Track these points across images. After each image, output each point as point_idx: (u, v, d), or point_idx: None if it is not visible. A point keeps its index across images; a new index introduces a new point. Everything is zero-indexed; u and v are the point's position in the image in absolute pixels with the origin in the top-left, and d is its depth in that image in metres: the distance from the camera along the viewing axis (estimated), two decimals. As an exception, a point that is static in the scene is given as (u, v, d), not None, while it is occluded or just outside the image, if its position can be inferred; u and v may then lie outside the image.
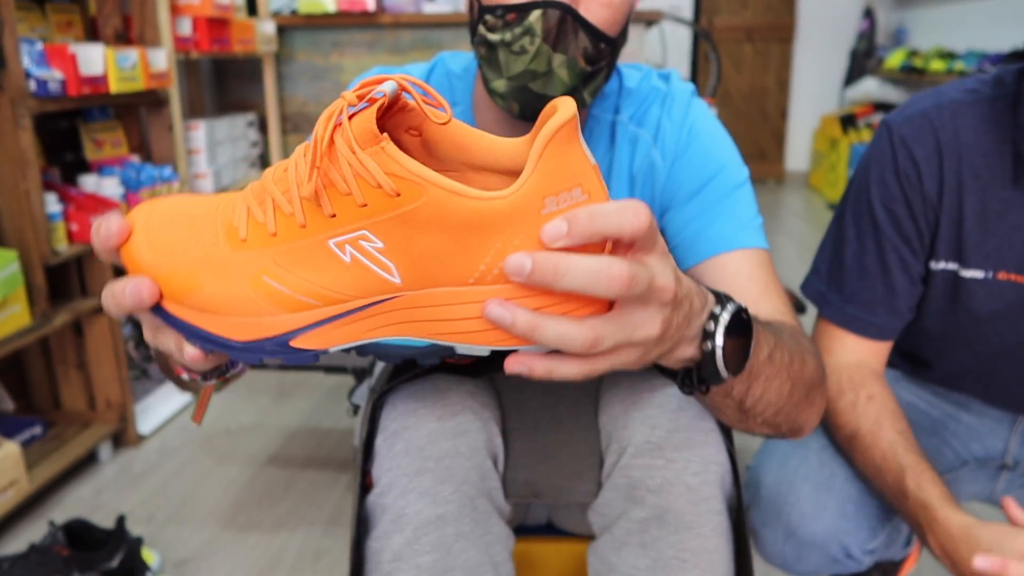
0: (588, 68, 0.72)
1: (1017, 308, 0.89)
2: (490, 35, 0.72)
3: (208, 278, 0.48)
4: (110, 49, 1.72)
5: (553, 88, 0.72)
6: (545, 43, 0.70)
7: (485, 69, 0.75)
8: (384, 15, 2.44)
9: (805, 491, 0.92)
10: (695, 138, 0.83)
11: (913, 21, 4.99)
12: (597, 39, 0.72)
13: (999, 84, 0.88)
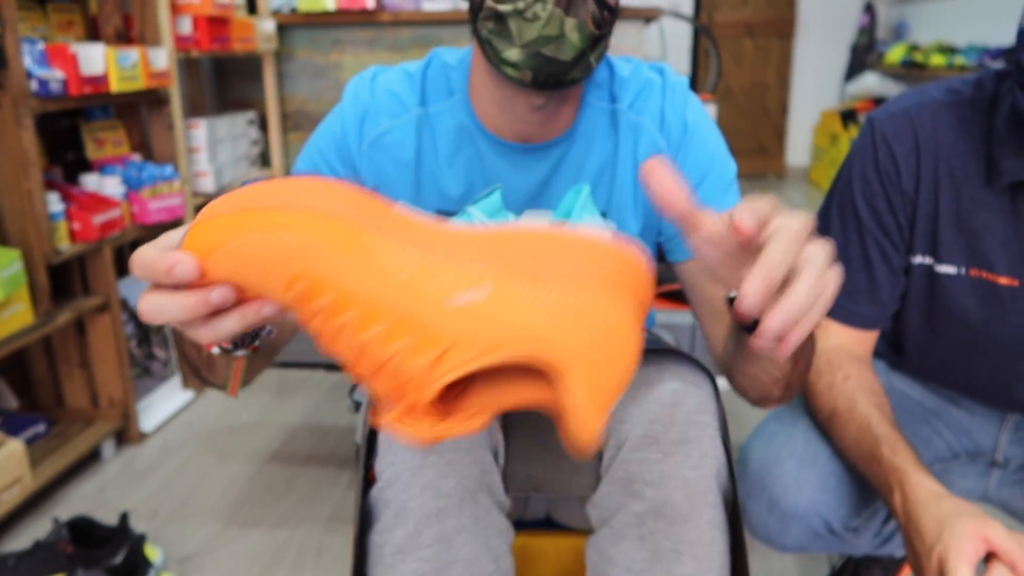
0: (597, 32, 0.73)
1: (989, 304, 0.90)
2: (501, 6, 0.73)
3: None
4: (111, 49, 1.73)
5: (565, 52, 0.73)
6: (558, 7, 0.71)
7: (496, 42, 0.75)
8: (384, 13, 2.45)
9: (790, 466, 0.95)
10: (695, 132, 0.85)
11: (914, 16, 4.99)
12: (601, 5, 0.73)
13: (979, 86, 0.90)
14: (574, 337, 0.44)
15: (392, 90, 0.86)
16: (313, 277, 0.46)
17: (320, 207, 0.47)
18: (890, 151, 0.92)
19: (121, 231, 1.81)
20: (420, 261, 0.46)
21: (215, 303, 0.48)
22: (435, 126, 0.86)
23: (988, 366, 0.97)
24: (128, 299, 1.93)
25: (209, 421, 2.03)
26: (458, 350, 0.44)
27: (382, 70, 0.89)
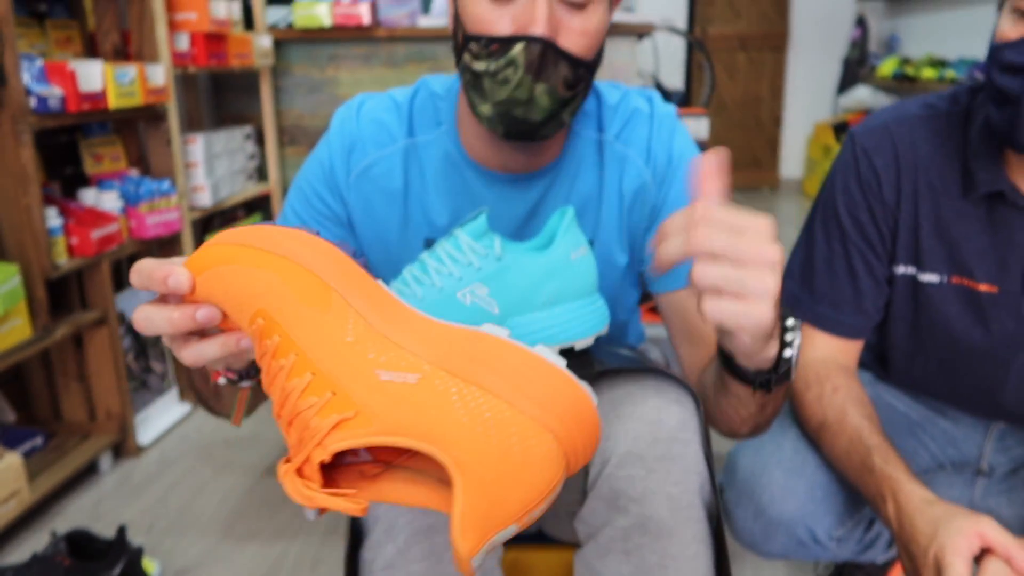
0: (568, 94, 0.76)
1: (970, 311, 0.93)
2: (475, 63, 0.76)
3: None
4: (109, 65, 1.75)
5: (535, 114, 0.75)
6: (527, 74, 0.73)
7: (471, 93, 0.78)
8: (379, 29, 2.47)
9: (777, 475, 0.96)
10: (681, 164, 0.87)
11: (905, 29, 5.04)
12: (576, 66, 0.75)
13: (954, 100, 0.93)
14: (475, 449, 0.44)
15: (379, 119, 0.87)
16: (271, 317, 0.50)
17: (303, 260, 0.50)
18: (871, 164, 0.94)
19: (119, 245, 1.83)
20: (367, 331, 0.48)
21: (200, 321, 0.52)
22: (422, 156, 0.87)
23: (972, 374, 0.99)
24: (125, 313, 1.95)
25: (205, 434, 2.04)
26: (361, 420, 0.45)
27: (369, 98, 0.90)
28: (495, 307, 0.68)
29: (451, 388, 0.46)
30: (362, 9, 2.41)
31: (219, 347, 0.54)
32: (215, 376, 0.62)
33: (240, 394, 0.65)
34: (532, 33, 0.72)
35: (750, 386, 0.67)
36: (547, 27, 0.72)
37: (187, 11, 2.10)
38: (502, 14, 0.73)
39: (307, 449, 0.47)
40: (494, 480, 0.44)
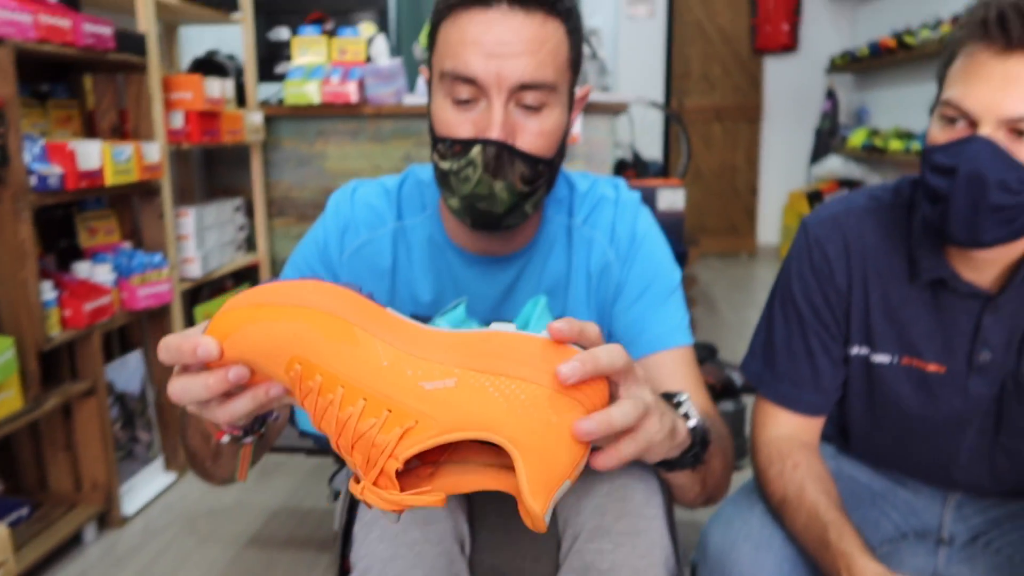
0: (526, 188, 0.83)
1: (921, 390, 0.99)
2: (441, 162, 0.84)
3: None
4: (107, 144, 1.82)
5: (497, 206, 0.83)
6: (486, 172, 0.80)
7: (442, 188, 0.86)
8: (367, 106, 2.58)
9: (746, 549, 1.00)
10: (643, 244, 0.95)
11: (873, 102, 5.26)
12: (534, 163, 0.83)
13: (897, 192, 1.01)
14: (522, 427, 0.52)
15: (371, 204, 0.96)
16: (307, 361, 0.55)
17: (320, 305, 0.56)
18: (823, 252, 1.02)
19: (110, 317, 1.87)
20: (397, 353, 0.55)
21: (233, 380, 0.56)
22: (410, 238, 0.95)
23: (926, 448, 1.05)
24: (114, 383, 1.98)
25: (190, 504, 2.05)
26: (423, 427, 0.52)
27: (361, 184, 0.98)
28: None
29: (485, 383, 0.53)
30: (350, 88, 2.52)
31: (251, 400, 0.58)
32: (219, 435, 0.66)
33: (243, 450, 0.70)
34: (488, 136, 0.80)
35: (687, 470, 0.73)
36: (502, 131, 0.80)
37: (183, 91, 2.19)
38: (464, 119, 0.81)
39: (380, 462, 0.52)
40: (544, 448, 0.52)
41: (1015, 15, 0.80)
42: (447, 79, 0.81)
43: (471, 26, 0.79)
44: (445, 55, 0.82)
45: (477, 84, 0.80)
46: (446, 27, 0.82)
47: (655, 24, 5.66)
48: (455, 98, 0.81)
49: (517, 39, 0.78)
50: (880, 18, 5.03)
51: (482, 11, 0.79)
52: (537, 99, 0.81)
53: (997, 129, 0.83)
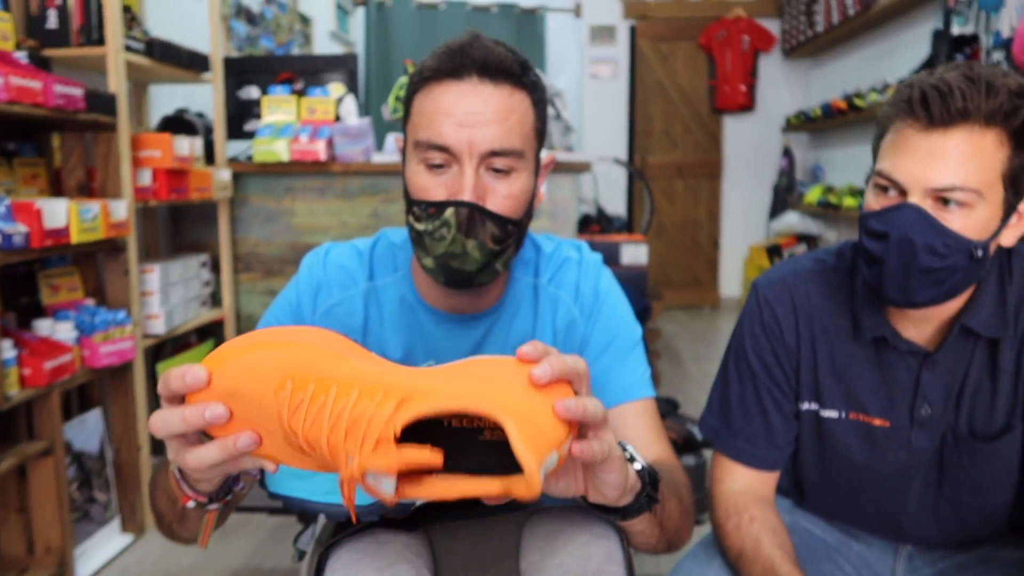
0: (497, 247, 0.88)
1: (868, 444, 1.04)
2: (416, 224, 0.88)
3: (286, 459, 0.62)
4: (73, 203, 1.83)
5: (469, 264, 0.87)
6: (459, 232, 0.85)
7: (416, 248, 0.90)
8: (335, 164, 2.62)
9: None
10: (605, 301, 1.00)
11: (827, 160, 5.45)
12: (503, 223, 0.87)
13: (840, 255, 1.07)
14: (509, 399, 0.57)
15: (343, 265, 0.99)
16: (300, 375, 0.59)
17: (312, 340, 0.61)
18: (773, 312, 1.07)
19: (71, 375, 1.85)
20: (388, 363, 0.61)
21: (208, 418, 0.60)
22: (381, 298, 0.98)
23: (875, 501, 1.08)
24: (72, 442, 1.95)
25: (147, 566, 2.00)
26: (417, 399, 0.56)
27: (335, 246, 1.02)
28: None
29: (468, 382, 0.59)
30: (319, 146, 2.56)
31: (219, 450, 0.61)
32: (184, 500, 0.69)
33: (208, 516, 0.72)
34: (460, 198, 0.85)
35: (644, 513, 0.76)
36: (473, 193, 0.85)
37: (152, 149, 2.21)
38: (438, 183, 0.87)
39: (377, 430, 0.55)
40: (530, 416, 0.57)
41: (936, 95, 0.87)
42: (421, 147, 0.86)
43: (443, 97, 0.85)
44: (419, 125, 0.87)
45: (450, 151, 0.85)
46: (420, 98, 0.88)
47: (618, 84, 5.84)
48: (429, 163, 0.86)
49: (486, 109, 0.84)
50: (832, 81, 5.26)
51: (454, 83, 0.85)
52: (506, 164, 0.86)
53: (924, 198, 0.89)
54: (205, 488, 0.69)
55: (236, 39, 3.44)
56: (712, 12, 5.75)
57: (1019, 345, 0.96)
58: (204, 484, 0.69)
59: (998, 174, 0.88)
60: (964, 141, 0.87)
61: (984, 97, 0.86)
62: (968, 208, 0.89)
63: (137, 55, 2.15)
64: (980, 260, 0.91)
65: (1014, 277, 0.97)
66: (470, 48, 0.85)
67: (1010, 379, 0.96)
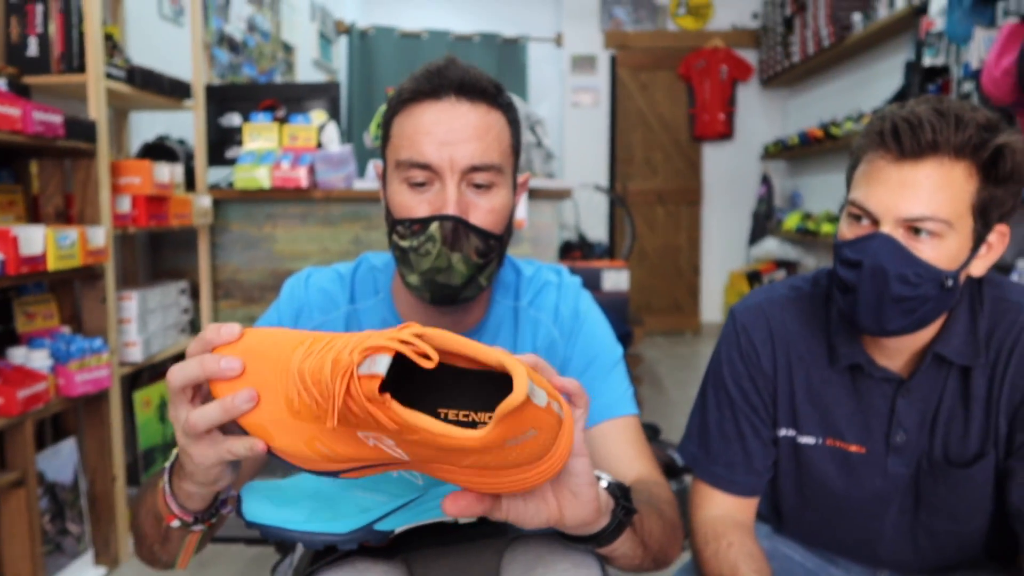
0: (480, 261, 0.90)
1: (844, 470, 1.04)
2: (401, 242, 0.90)
3: (277, 434, 0.61)
4: (50, 230, 1.81)
5: (455, 279, 0.89)
6: (444, 246, 0.87)
7: (400, 267, 0.91)
8: (316, 191, 2.62)
9: None
10: (585, 322, 1.01)
11: (805, 187, 5.53)
12: (486, 237, 0.89)
13: (815, 283, 1.09)
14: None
15: (325, 288, 1.00)
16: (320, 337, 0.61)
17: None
18: (750, 339, 1.08)
19: (45, 404, 1.83)
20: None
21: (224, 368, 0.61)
22: (363, 320, 0.99)
23: (852, 527, 1.09)
24: (45, 472, 1.92)
25: (120, 599, 1.96)
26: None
27: (316, 271, 1.03)
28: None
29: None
30: (301, 173, 2.56)
31: (219, 407, 0.61)
32: (169, 519, 0.70)
33: (190, 537, 0.72)
34: (445, 212, 0.87)
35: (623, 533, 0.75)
36: (457, 207, 0.87)
37: (131, 175, 2.21)
38: (421, 200, 0.89)
39: (374, 339, 0.55)
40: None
41: (907, 128, 0.89)
42: (403, 166, 0.88)
43: (423, 117, 0.88)
44: (400, 146, 0.89)
45: (432, 169, 0.87)
46: (400, 120, 0.90)
47: (599, 112, 5.91)
48: (411, 182, 0.89)
49: (465, 126, 0.87)
50: (808, 110, 5.35)
51: (433, 103, 0.88)
52: (486, 179, 0.89)
53: (896, 228, 0.91)
54: (194, 506, 0.70)
55: (219, 67, 3.45)
56: (691, 42, 5.84)
57: (990, 373, 0.97)
58: (194, 501, 0.69)
59: (967, 205, 0.90)
60: (934, 172, 0.89)
61: (953, 130, 0.88)
62: (939, 238, 0.90)
63: (118, 82, 2.15)
64: (951, 289, 0.92)
65: (984, 306, 0.99)
66: (447, 70, 0.89)
67: (982, 406, 0.98)
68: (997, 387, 0.96)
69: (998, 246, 0.95)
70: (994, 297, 0.99)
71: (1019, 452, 0.95)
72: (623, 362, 1.02)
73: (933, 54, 3.19)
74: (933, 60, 3.19)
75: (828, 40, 4.39)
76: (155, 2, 2.93)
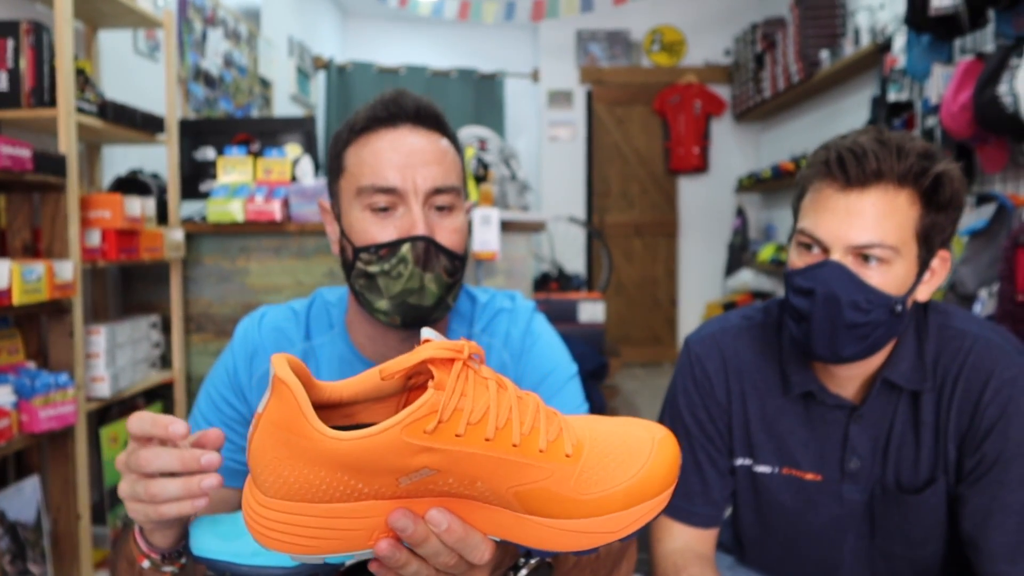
0: (450, 280, 0.92)
1: (801, 498, 1.05)
2: (368, 268, 0.90)
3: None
4: (16, 264, 1.80)
5: (426, 299, 0.90)
6: (416, 266, 0.89)
7: (367, 295, 0.91)
8: (290, 224, 2.63)
9: None
10: (535, 342, 1.02)
11: (779, 219, 5.60)
12: (452, 257, 0.91)
13: (767, 312, 1.10)
14: None
15: (279, 327, 1.00)
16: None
17: None
18: (704, 368, 1.09)
19: (7, 441, 1.80)
20: None
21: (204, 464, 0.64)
22: (319, 356, 0.99)
23: (812, 554, 1.09)
24: (6, 512, 1.88)
25: (82, 641, 1.92)
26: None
27: (270, 309, 1.03)
28: None
29: None
30: (275, 206, 2.57)
31: (182, 487, 0.64)
32: (140, 559, 0.70)
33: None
34: (415, 233, 0.88)
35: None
36: (426, 228, 0.89)
37: (101, 209, 2.20)
38: (385, 225, 0.90)
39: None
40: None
41: (852, 157, 0.91)
42: (366, 192, 0.89)
43: (382, 143, 0.90)
44: (360, 173, 0.90)
45: (396, 192, 0.89)
46: (356, 149, 0.92)
47: (576, 146, 5.98)
48: (374, 207, 0.89)
49: (424, 151, 0.90)
50: (780, 144, 5.45)
51: (390, 130, 0.90)
52: (447, 201, 0.91)
53: (845, 255, 0.93)
54: (157, 542, 0.71)
55: (194, 101, 3.47)
56: (665, 78, 5.95)
57: (937, 398, 0.99)
58: (155, 536, 0.70)
59: (912, 231, 0.93)
60: (879, 200, 0.91)
61: (896, 159, 0.91)
62: (887, 264, 0.92)
63: (89, 116, 2.15)
64: (900, 315, 0.94)
65: (930, 331, 1.01)
66: (401, 99, 0.91)
67: (931, 432, 0.99)
68: (944, 413, 0.98)
69: (940, 271, 0.97)
70: (939, 324, 1.01)
71: (968, 478, 0.97)
72: (578, 379, 1.03)
73: (897, 90, 3.28)
74: (897, 96, 3.28)
75: (797, 76, 4.49)
76: (130, 37, 2.95)
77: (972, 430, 0.96)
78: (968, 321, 1.01)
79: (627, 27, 5.95)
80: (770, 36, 5.02)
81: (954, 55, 2.77)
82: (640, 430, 0.59)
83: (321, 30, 5.56)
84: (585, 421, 0.60)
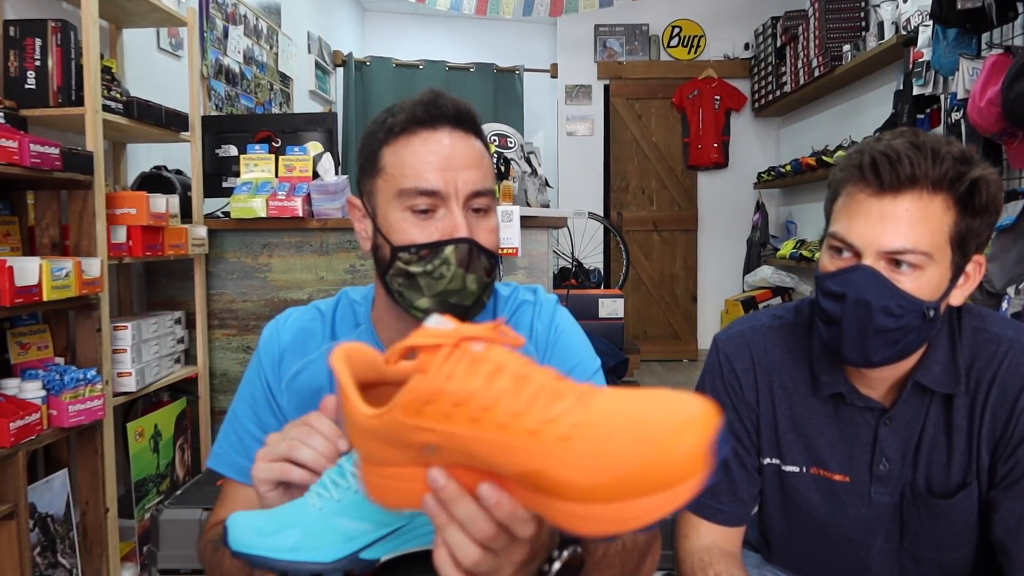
0: (488, 280, 0.93)
1: (829, 499, 1.05)
2: (410, 267, 0.91)
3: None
4: (45, 261, 1.82)
5: (467, 299, 0.92)
6: (459, 268, 0.90)
7: (406, 293, 0.92)
8: (312, 220, 2.64)
9: None
10: (560, 336, 1.02)
11: (799, 215, 5.56)
12: (490, 257, 0.93)
13: (798, 312, 1.10)
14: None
15: (304, 327, 1.01)
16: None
17: None
18: (732, 367, 1.09)
19: (37, 435, 1.82)
20: None
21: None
22: None
23: (839, 555, 1.09)
24: (36, 504, 1.91)
25: (110, 633, 1.95)
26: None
27: (295, 311, 1.04)
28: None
29: None
30: (297, 202, 2.58)
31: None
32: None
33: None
34: (457, 235, 0.89)
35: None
36: (468, 230, 0.90)
37: (127, 207, 2.22)
38: (426, 227, 0.90)
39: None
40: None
41: (885, 162, 0.90)
42: (408, 194, 0.90)
43: (423, 146, 0.90)
44: (401, 175, 0.91)
45: (437, 195, 0.90)
46: (395, 150, 0.92)
47: (594, 141, 5.96)
48: (415, 209, 0.90)
49: (464, 154, 0.91)
50: (801, 138, 5.41)
51: (430, 132, 0.91)
52: (484, 203, 0.92)
53: (877, 260, 0.92)
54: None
55: (216, 98, 3.49)
56: (684, 73, 5.91)
57: (971, 403, 0.98)
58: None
59: (946, 237, 0.92)
60: (913, 206, 0.90)
61: (931, 164, 0.90)
62: (919, 270, 0.92)
63: (115, 115, 2.17)
64: (932, 320, 0.93)
65: (964, 335, 1.00)
66: (440, 100, 0.92)
67: (964, 437, 0.98)
68: (978, 418, 0.97)
69: (975, 276, 0.96)
70: (974, 327, 1.00)
71: (1001, 484, 0.96)
72: (602, 373, 1.03)
73: (921, 83, 3.24)
74: (921, 89, 3.24)
75: (819, 70, 4.45)
76: (154, 35, 2.97)
77: (1006, 435, 0.95)
78: (1003, 325, 1.00)
79: (646, 21, 5.91)
80: (791, 30, 4.97)
81: (981, 49, 2.73)
82: (666, 412, 0.53)
83: (340, 26, 5.58)
84: (609, 399, 0.55)
